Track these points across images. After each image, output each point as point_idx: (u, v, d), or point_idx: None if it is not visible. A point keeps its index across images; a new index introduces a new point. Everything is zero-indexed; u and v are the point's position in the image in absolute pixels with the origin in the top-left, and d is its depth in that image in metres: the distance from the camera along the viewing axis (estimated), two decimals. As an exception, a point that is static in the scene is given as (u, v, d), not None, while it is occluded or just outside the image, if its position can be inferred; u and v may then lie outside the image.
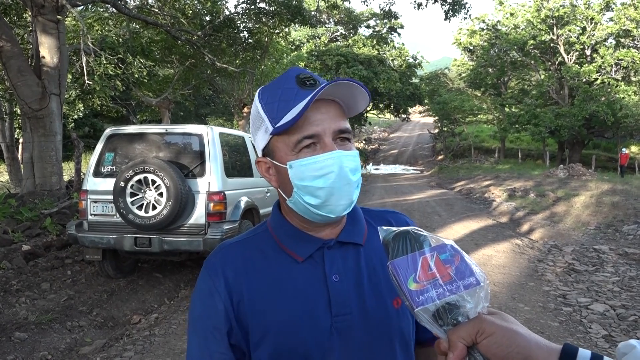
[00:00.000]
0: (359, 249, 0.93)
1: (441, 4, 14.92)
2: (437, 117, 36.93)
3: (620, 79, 25.78)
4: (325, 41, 38.48)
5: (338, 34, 40.73)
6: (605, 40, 26.81)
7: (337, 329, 0.85)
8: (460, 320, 0.63)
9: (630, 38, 26.05)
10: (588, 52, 27.20)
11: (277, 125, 0.84)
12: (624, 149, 23.69)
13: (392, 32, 40.43)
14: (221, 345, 0.87)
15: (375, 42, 38.12)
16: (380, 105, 36.89)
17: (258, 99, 0.90)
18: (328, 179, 0.83)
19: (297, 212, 0.89)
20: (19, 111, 13.65)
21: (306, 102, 0.80)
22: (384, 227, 0.72)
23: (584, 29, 26.90)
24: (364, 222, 0.97)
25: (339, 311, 0.86)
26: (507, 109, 30.69)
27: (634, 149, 30.34)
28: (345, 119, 0.88)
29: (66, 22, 10.30)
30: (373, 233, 0.96)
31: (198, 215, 5.17)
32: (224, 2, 16.13)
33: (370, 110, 39.10)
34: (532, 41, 27.06)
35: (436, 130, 39.14)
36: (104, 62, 11.89)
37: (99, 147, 5.57)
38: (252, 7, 15.00)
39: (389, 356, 0.89)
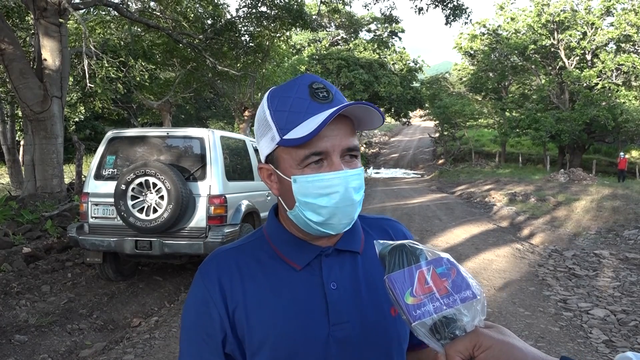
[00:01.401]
0: (357, 256, 0.92)
1: (442, 8, 14.96)
2: (437, 121, 36.95)
3: (620, 83, 25.81)
4: (327, 45, 38.56)
5: (339, 37, 40.83)
6: (605, 45, 26.86)
7: (335, 337, 0.84)
8: (458, 334, 0.63)
9: (631, 43, 26.11)
10: (589, 57, 27.25)
11: (286, 137, 0.81)
12: (622, 154, 23.68)
13: (393, 36, 40.54)
14: (215, 354, 0.86)
15: (376, 46, 38.20)
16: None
17: (267, 103, 0.86)
18: (332, 198, 0.81)
19: (296, 224, 0.88)
20: (20, 113, 13.67)
21: (321, 121, 0.77)
22: (380, 241, 0.72)
23: (584, 33, 26.97)
24: (361, 230, 0.96)
25: (336, 320, 0.85)
26: (507, 114, 30.71)
27: (634, 153, 30.35)
28: (354, 135, 0.86)
29: (68, 25, 10.33)
30: (370, 241, 0.94)
31: (199, 219, 5.18)
32: (225, 5, 16.18)
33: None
34: (532, 46, 27.11)
35: (437, 134, 39.16)
36: (106, 65, 11.91)
37: (100, 149, 5.58)
38: (254, 11, 15.04)
39: None
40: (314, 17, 19.34)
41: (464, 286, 0.65)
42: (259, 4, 14.84)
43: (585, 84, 26.05)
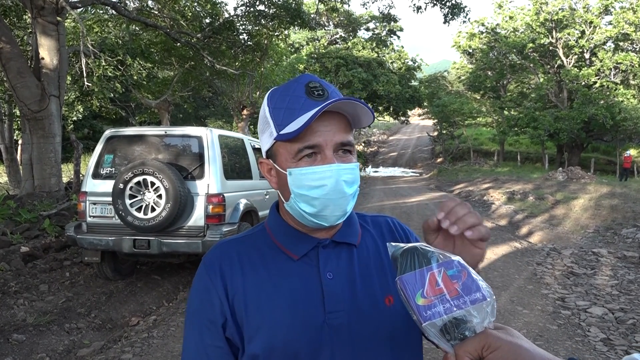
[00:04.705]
0: (353, 249, 0.95)
1: (440, 7, 14.96)
2: (436, 120, 36.96)
3: (619, 82, 25.84)
4: (325, 44, 38.53)
5: (337, 36, 40.79)
6: (604, 43, 26.88)
7: (330, 325, 0.87)
8: (467, 335, 0.64)
9: (629, 42, 26.13)
10: (587, 56, 27.27)
11: (281, 132, 0.86)
12: (628, 152, 23.44)
13: (392, 35, 40.52)
14: (216, 339, 0.89)
15: (374, 44, 38.20)
16: (380, 108, 36.94)
17: (267, 101, 0.91)
18: (324, 190, 0.85)
19: (292, 215, 0.92)
20: (18, 113, 13.63)
21: (310, 115, 0.82)
22: (393, 243, 0.74)
23: (583, 32, 26.99)
24: (358, 225, 1.00)
25: (332, 308, 0.88)
26: (506, 112, 30.75)
27: (632, 152, 30.37)
28: (349, 131, 0.90)
29: (66, 24, 10.30)
30: (366, 236, 0.99)
31: (197, 217, 5.17)
32: (223, 4, 16.16)
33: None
34: (531, 44, 27.13)
35: (435, 133, 39.18)
36: (104, 63, 11.90)
37: (98, 148, 5.56)
38: (252, 9, 15.02)
39: (379, 353, 0.90)
40: (312, 15, 19.34)
41: (474, 288, 0.65)
42: (257, 3, 14.82)
43: (583, 83, 26.07)
